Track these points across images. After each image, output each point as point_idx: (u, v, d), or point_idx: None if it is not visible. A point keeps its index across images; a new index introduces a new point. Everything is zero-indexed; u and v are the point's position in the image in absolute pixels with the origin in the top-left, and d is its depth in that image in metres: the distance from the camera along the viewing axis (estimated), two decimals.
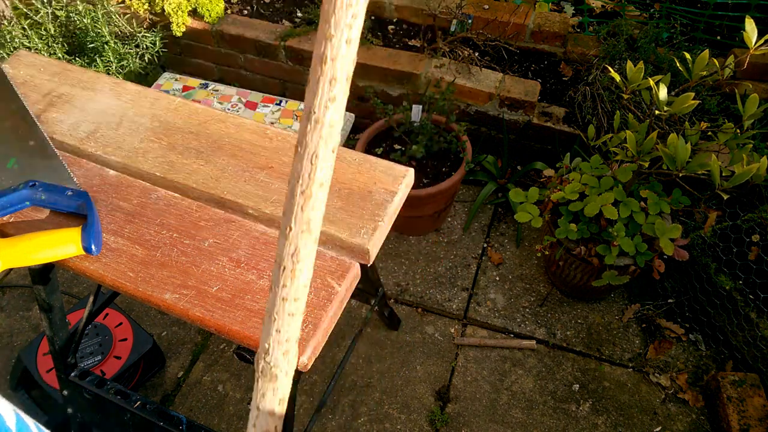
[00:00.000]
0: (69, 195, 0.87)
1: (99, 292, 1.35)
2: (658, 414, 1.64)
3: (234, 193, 0.78)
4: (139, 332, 1.65)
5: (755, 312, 1.60)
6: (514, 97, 2.01)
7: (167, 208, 0.78)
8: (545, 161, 2.05)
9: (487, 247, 2.04)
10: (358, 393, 1.70)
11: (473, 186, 2.21)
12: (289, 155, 0.82)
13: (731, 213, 1.72)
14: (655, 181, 1.54)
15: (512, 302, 1.89)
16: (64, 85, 0.94)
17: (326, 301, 0.70)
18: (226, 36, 2.30)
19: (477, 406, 1.67)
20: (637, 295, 1.88)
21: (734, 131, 1.31)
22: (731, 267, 1.66)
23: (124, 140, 0.85)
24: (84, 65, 2.10)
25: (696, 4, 2.14)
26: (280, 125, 1.84)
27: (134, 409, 1.24)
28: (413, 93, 2.16)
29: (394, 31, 2.34)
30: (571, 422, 1.63)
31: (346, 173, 0.80)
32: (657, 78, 1.28)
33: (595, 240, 1.58)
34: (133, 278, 0.72)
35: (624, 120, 1.59)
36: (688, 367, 1.73)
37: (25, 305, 1.92)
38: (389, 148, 1.97)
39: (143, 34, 2.18)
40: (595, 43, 2.15)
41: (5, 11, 2.17)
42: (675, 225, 1.48)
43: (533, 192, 1.65)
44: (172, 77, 2.03)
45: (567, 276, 1.77)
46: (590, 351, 1.77)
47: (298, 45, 2.19)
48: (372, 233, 0.74)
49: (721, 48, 2.07)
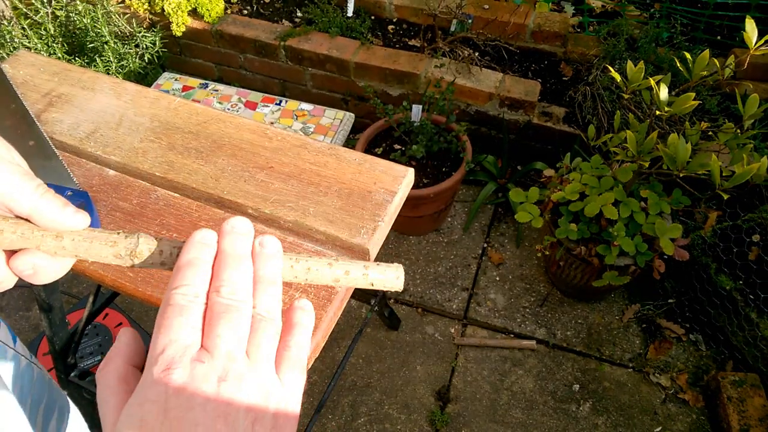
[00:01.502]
0: (69, 195, 0.87)
1: (99, 292, 1.35)
2: (659, 414, 1.64)
3: (234, 193, 0.78)
4: (139, 332, 1.65)
5: (755, 312, 1.59)
6: (514, 97, 2.01)
7: (167, 208, 0.78)
8: (545, 161, 2.04)
9: (487, 247, 2.04)
10: (358, 393, 1.69)
11: (473, 186, 2.21)
12: (289, 155, 0.82)
13: (731, 213, 1.71)
14: (656, 181, 1.54)
15: (512, 302, 1.89)
16: (63, 84, 0.93)
17: (326, 301, 0.69)
18: (226, 36, 2.30)
19: (477, 406, 1.66)
20: (637, 295, 1.88)
21: (734, 131, 1.31)
22: (731, 267, 1.66)
23: (124, 140, 0.85)
24: (84, 65, 2.10)
25: (696, 4, 2.13)
26: (280, 125, 1.84)
27: None
28: (413, 93, 2.15)
29: (394, 31, 2.34)
30: (571, 422, 1.63)
31: (345, 173, 0.80)
32: (657, 78, 1.28)
33: (596, 240, 1.58)
34: (133, 278, 0.72)
35: (624, 120, 1.59)
36: (689, 367, 1.73)
37: (25, 305, 1.92)
38: (389, 148, 1.97)
39: (143, 33, 2.18)
40: (596, 43, 2.15)
41: (5, 11, 2.16)
42: (675, 225, 1.48)
43: (533, 192, 1.64)
44: (171, 77, 2.03)
45: (567, 276, 1.76)
46: (590, 351, 1.77)
47: (297, 45, 2.19)
48: (372, 233, 0.74)
49: (722, 48, 2.07)
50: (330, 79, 2.27)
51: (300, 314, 0.36)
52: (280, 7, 2.46)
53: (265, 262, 0.34)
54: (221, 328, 0.31)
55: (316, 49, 2.18)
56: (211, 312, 0.31)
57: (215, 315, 0.31)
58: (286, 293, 0.69)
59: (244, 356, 0.31)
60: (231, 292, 0.32)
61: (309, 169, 0.80)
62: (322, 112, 1.88)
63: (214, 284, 0.32)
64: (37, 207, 0.34)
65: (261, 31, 2.27)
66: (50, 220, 0.34)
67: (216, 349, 0.30)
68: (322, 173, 0.80)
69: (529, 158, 2.14)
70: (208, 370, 0.30)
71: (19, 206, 0.34)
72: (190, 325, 0.31)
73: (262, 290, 0.33)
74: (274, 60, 2.30)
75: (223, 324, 0.31)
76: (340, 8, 2.34)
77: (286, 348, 0.34)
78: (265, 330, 0.32)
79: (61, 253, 0.34)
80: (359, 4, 2.34)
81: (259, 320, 0.32)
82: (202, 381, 0.29)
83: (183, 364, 0.29)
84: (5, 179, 0.34)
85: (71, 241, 0.34)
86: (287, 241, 0.75)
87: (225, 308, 0.31)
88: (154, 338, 0.31)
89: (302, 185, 0.78)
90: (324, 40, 2.21)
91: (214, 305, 0.31)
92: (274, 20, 2.37)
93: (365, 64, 2.13)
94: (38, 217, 0.34)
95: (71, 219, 0.35)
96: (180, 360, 0.29)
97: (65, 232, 0.35)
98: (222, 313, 0.31)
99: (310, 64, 2.24)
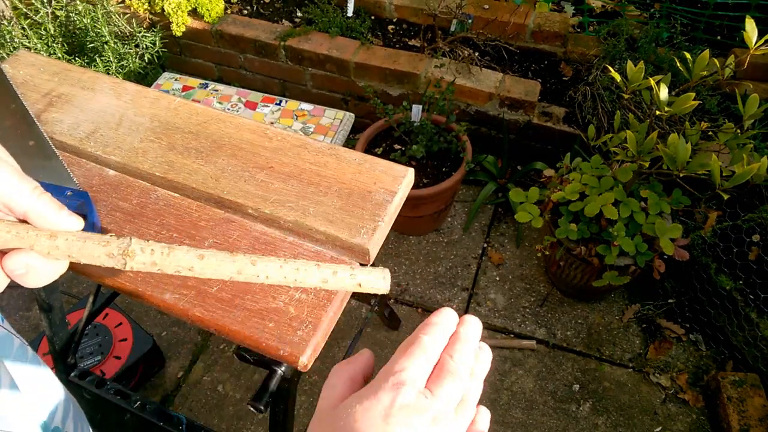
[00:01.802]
0: (69, 195, 0.87)
1: (99, 292, 1.35)
2: (659, 414, 1.64)
3: (234, 193, 0.78)
4: (139, 332, 1.65)
5: (755, 312, 1.59)
6: (514, 97, 2.01)
7: (167, 208, 0.78)
8: (545, 161, 2.04)
9: (487, 247, 2.04)
10: None
11: (473, 186, 2.21)
12: (289, 155, 0.82)
13: (731, 213, 1.71)
14: (656, 181, 1.54)
15: (512, 302, 1.89)
16: (63, 84, 0.94)
17: (326, 301, 0.69)
18: (226, 36, 2.30)
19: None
20: (637, 295, 1.88)
21: (734, 131, 1.31)
22: (731, 267, 1.66)
23: (124, 140, 0.85)
24: (84, 65, 2.10)
25: (696, 4, 2.13)
26: (280, 125, 1.84)
27: (134, 410, 1.24)
28: (413, 93, 2.15)
29: (394, 30, 2.34)
30: (571, 422, 1.63)
31: (345, 173, 0.80)
32: (657, 78, 1.28)
33: (596, 240, 1.58)
34: (133, 278, 0.72)
35: (624, 120, 1.59)
36: (689, 367, 1.73)
37: (25, 305, 1.92)
38: (389, 148, 1.97)
39: (143, 33, 2.18)
40: (596, 42, 2.15)
41: (5, 11, 2.16)
42: (675, 225, 1.48)
43: (533, 192, 1.64)
44: (171, 77, 2.03)
45: (567, 276, 1.76)
46: (590, 351, 1.77)
47: (297, 45, 2.19)
48: (372, 233, 0.74)
49: (722, 48, 2.07)
50: (330, 79, 2.27)
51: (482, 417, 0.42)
52: (280, 7, 2.46)
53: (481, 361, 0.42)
54: (447, 381, 0.38)
55: (316, 49, 2.18)
56: (441, 367, 0.39)
57: (444, 371, 0.38)
58: (286, 292, 0.69)
59: (453, 411, 0.38)
60: (461, 361, 0.39)
61: (309, 169, 0.80)
62: (322, 112, 1.88)
63: (449, 350, 0.40)
64: (34, 208, 0.35)
65: (261, 31, 2.27)
66: (46, 221, 0.35)
67: (438, 394, 0.37)
68: (322, 173, 0.80)
69: (529, 158, 2.14)
70: (429, 406, 0.36)
71: (18, 206, 0.34)
72: (426, 365, 0.38)
73: (478, 364, 0.41)
74: (274, 60, 2.30)
75: (449, 379, 0.38)
76: (340, 8, 2.34)
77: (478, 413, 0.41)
78: (473, 398, 0.40)
79: (55, 253, 0.35)
80: (359, 4, 2.34)
81: (469, 389, 0.40)
82: (422, 410, 0.35)
83: (413, 389, 0.36)
84: (5, 179, 0.34)
85: (65, 240, 0.35)
86: (287, 241, 0.75)
87: (454, 369, 0.38)
88: (396, 358, 0.38)
89: (302, 185, 0.78)
90: (324, 40, 2.21)
91: (446, 363, 0.39)
92: (274, 20, 2.37)
93: (365, 64, 2.13)
94: (35, 218, 0.35)
95: (66, 221, 0.36)
96: (412, 384, 0.36)
97: (59, 232, 0.35)
98: (450, 372, 0.38)
99: (310, 64, 2.24)
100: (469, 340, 0.41)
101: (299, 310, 0.68)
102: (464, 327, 0.42)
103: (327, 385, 0.40)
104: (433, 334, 0.39)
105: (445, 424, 0.36)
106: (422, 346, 0.38)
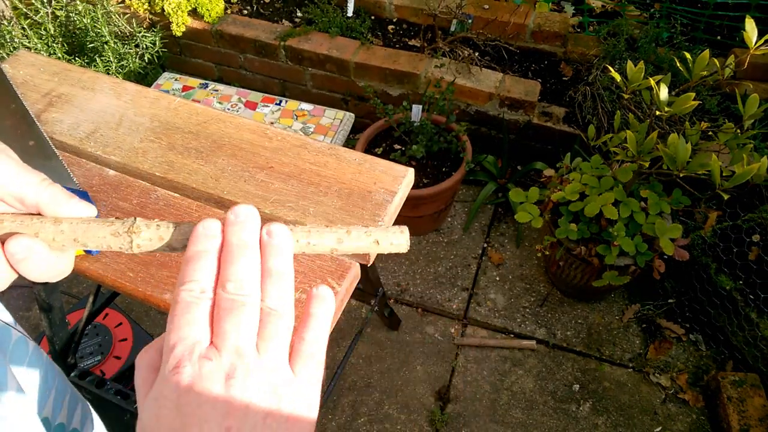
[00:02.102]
0: None
1: (99, 292, 1.35)
2: (659, 414, 1.64)
3: (234, 193, 0.78)
4: (139, 332, 1.65)
5: (755, 312, 1.59)
6: (514, 97, 2.01)
7: (167, 208, 0.78)
8: (545, 161, 2.04)
9: (487, 247, 2.04)
10: (358, 393, 1.69)
11: (473, 186, 2.21)
12: (289, 155, 0.82)
13: (731, 213, 1.71)
14: (656, 181, 1.54)
15: (512, 302, 1.89)
16: (63, 84, 0.94)
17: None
18: (226, 36, 2.30)
19: (477, 406, 1.66)
20: (637, 295, 1.88)
21: (734, 131, 1.31)
22: (731, 267, 1.66)
23: (124, 140, 0.85)
24: (84, 65, 2.10)
25: (696, 4, 2.13)
26: (280, 125, 1.84)
27: (134, 409, 1.24)
28: (413, 93, 2.15)
29: (394, 30, 2.34)
30: (571, 422, 1.63)
31: (345, 173, 0.80)
32: (657, 78, 1.28)
33: (596, 240, 1.58)
34: (133, 278, 0.72)
35: (624, 120, 1.59)
36: (689, 367, 1.73)
37: (25, 305, 1.92)
38: (389, 148, 1.97)
39: (143, 33, 2.18)
40: (596, 43, 2.15)
41: (5, 11, 2.16)
42: (675, 225, 1.48)
43: (533, 192, 1.64)
44: (171, 77, 2.03)
45: (567, 276, 1.76)
46: (590, 351, 1.77)
47: (297, 45, 2.19)
48: None
49: (722, 48, 2.07)
50: (330, 79, 2.27)
51: (316, 304, 0.35)
52: (280, 7, 2.46)
53: (272, 253, 0.33)
54: (228, 324, 0.30)
55: (316, 49, 2.18)
56: (218, 308, 0.31)
57: (222, 311, 0.31)
58: None
59: (253, 352, 0.31)
60: (237, 288, 0.31)
61: (309, 169, 0.80)
62: (322, 112, 1.88)
63: (220, 279, 0.32)
64: (46, 197, 0.34)
65: (261, 31, 2.27)
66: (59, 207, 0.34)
67: (223, 345, 0.30)
68: (322, 173, 0.80)
69: (529, 158, 2.14)
70: (216, 368, 0.30)
71: (29, 198, 0.34)
72: (197, 323, 0.31)
73: (271, 283, 0.32)
74: (274, 60, 2.30)
75: (230, 320, 0.30)
76: (340, 8, 2.34)
77: (301, 341, 0.34)
78: (275, 324, 0.32)
79: (60, 238, 0.34)
80: (359, 4, 2.34)
81: (268, 314, 0.32)
82: (210, 378, 0.30)
83: (191, 362, 0.30)
84: (14, 173, 0.34)
85: (69, 224, 0.35)
86: None
87: (231, 304, 0.31)
88: (165, 336, 0.31)
89: (302, 185, 0.78)
90: (324, 40, 2.21)
91: (221, 301, 0.31)
92: (274, 20, 2.37)
93: (365, 64, 2.13)
94: (46, 207, 0.34)
95: (78, 207, 0.35)
96: (188, 358, 0.30)
97: (64, 218, 0.35)
98: (228, 309, 0.31)
99: (310, 64, 2.24)
100: (241, 245, 0.32)
101: (299, 310, 0.68)
102: (230, 230, 0.33)
103: (135, 385, 0.33)
104: (190, 277, 0.31)
105: (245, 373, 0.30)
106: (182, 305, 0.31)
